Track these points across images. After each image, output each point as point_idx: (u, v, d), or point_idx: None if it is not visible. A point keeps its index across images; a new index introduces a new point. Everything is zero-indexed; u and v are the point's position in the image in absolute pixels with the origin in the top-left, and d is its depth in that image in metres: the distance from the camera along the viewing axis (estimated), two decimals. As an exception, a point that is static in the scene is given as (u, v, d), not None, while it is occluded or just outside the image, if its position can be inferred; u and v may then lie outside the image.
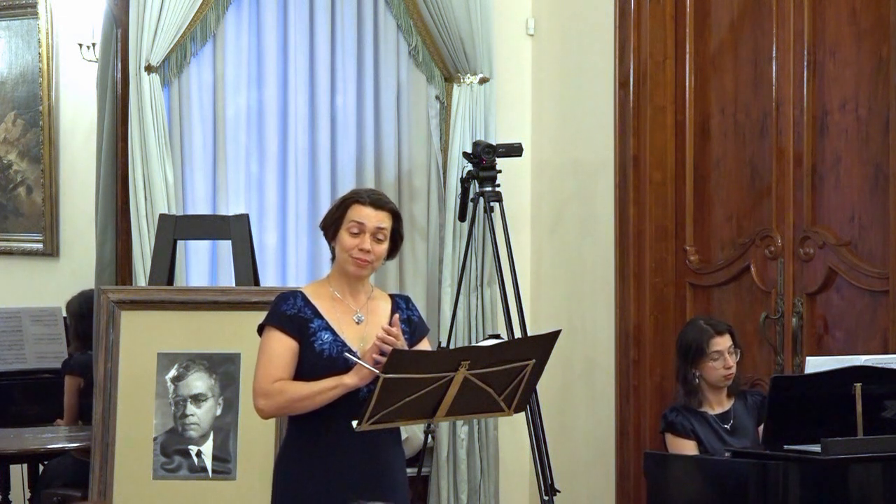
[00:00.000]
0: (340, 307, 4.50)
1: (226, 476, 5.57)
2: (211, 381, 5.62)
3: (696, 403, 5.79)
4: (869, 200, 6.06)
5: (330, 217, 4.54)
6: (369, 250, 4.45)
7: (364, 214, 4.47)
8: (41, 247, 8.59)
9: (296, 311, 4.46)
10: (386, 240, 4.50)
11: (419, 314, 4.62)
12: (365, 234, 4.46)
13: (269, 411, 4.50)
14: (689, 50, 6.78)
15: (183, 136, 6.56)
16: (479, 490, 7.02)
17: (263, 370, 4.44)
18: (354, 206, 4.49)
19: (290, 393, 4.40)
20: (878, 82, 6.01)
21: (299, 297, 4.50)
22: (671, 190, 6.83)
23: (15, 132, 8.75)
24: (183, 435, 5.60)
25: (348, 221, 4.47)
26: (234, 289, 5.85)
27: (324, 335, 4.43)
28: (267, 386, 4.42)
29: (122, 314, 5.70)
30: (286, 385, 4.41)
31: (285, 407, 4.47)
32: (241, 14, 6.71)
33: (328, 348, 4.42)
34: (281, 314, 4.47)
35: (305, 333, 4.44)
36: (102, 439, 5.59)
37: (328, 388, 4.34)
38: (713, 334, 5.76)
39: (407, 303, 4.62)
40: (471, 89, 7.04)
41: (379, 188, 6.96)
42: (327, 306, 4.49)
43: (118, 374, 5.63)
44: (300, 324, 4.44)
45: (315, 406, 4.39)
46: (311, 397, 4.38)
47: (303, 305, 4.48)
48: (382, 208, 4.51)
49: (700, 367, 5.76)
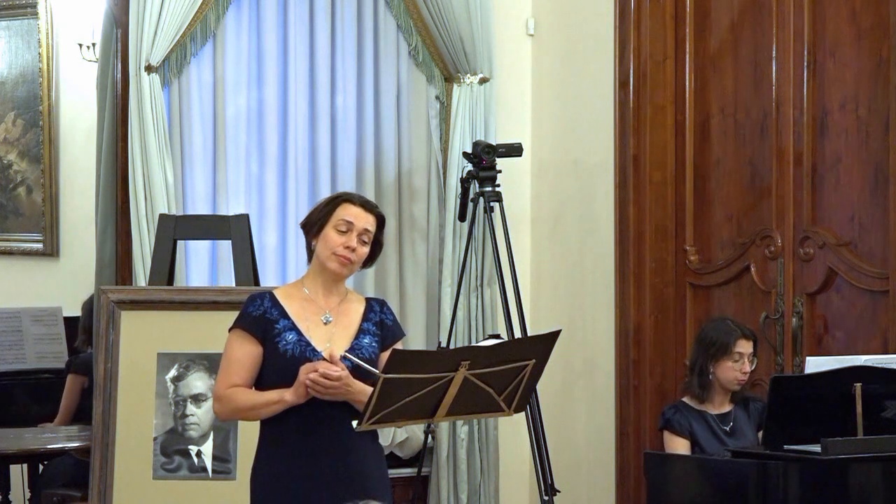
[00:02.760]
0: (311, 307, 4.49)
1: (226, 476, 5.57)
2: (211, 381, 5.61)
3: (704, 398, 5.80)
4: (869, 200, 6.06)
5: (316, 214, 4.53)
6: (355, 248, 4.45)
7: (354, 213, 4.48)
8: (41, 247, 8.59)
9: (261, 313, 4.45)
10: (368, 244, 4.50)
11: (394, 318, 4.60)
12: (352, 234, 4.46)
13: (222, 416, 4.58)
14: (689, 50, 6.78)
15: (183, 136, 6.56)
16: (479, 490, 7.02)
17: (222, 373, 4.47)
18: (344, 205, 4.50)
19: (237, 402, 4.42)
20: (878, 82, 6.01)
21: (266, 298, 4.49)
22: (671, 190, 6.83)
23: (15, 132, 8.75)
24: (183, 435, 5.60)
25: (337, 219, 4.47)
26: (234, 289, 5.84)
27: (288, 335, 4.43)
28: (221, 391, 4.45)
29: (122, 314, 5.70)
30: (235, 393, 4.42)
31: (234, 414, 4.53)
32: (241, 14, 6.71)
33: (291, 348, 4.41)
34: (246, 316, 4.47)
35: (270, 334, 4.43)
36: (102, 439, 5.59)
37: (271, 401, 4.36)
38: (741, 335, 5.79)
39: (381, 306, 4.59)
40: (471, 89, 7.04)
41: (379, 188, 6.98)
42: (297, 307, 4.48)
43: (118, 374, 5.63)
44: (265, 325, 4.44)
45: (260, 417, 4.42)
46: (256, 409, 4.41)
47: (270, 307, 4.47)
48: (371, 211, 4.52)
49: (718, 364, 5.78)
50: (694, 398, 5.84)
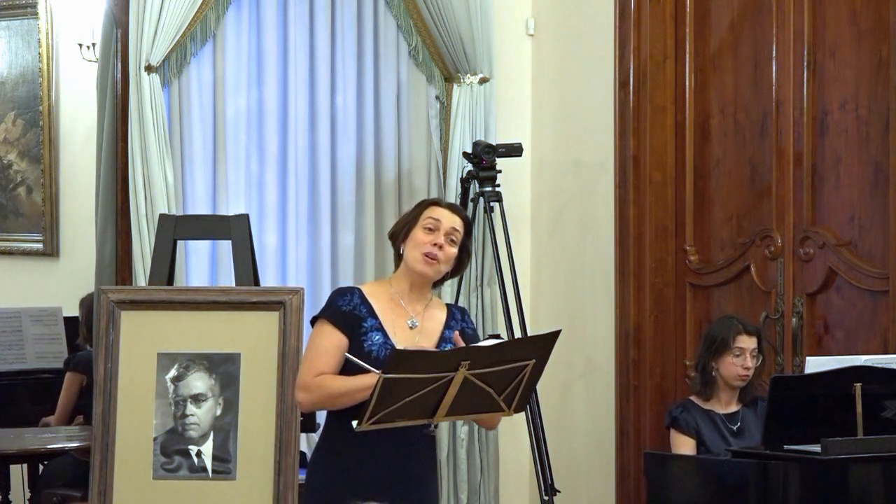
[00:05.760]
0: (397, 310, 4.49)
1: (226, 476, 5.56)
2: (211, 381, 5.61)
3: (708, 395, 5.81)
4: (869, 200, 6.06)
5: (403, 220, 4.56)
6: (442, 246, 4.45)
7: (440, 213, 4.49)
8: (41, 247, 8.59)
9: (351, 308, 4.45)
10: (456, 245, 4.49)
11: (473, 327, 4.61)
12: (439, 232, 4.46)
13: (306, 405, 4.52)
14: (689, 50, 6.78)
15: (183, 136, 6.55)
16: (479, 490, 7.02)
17: (308, 363, 4.44)
18: (431, 207, 4.53)
19: (330, 388, 4.38)
20: (878, 82, 6.01)
21: (356, 294, 4.49)
22: (671, 190, 6.83)
23: (15, 132, 8.75)
24: (183, 435, 5.59)
25: (424, 219, 4.48)
26: (234, 289, 5.84)
27: (375, 336, 4.43)
28: (308, 379, 4.42)
29: (122, 314, 5.69)
30: (326, 379, 4.39)
31: (323, 402, 4.46)
32: (241, 14, 6.71)
33: (377, 350, 4.40)
34: (335, 309, 4.46)
35: (357, 331, 4.43)
36: (102, 439, 5.58)
37: (367, 385, 4.25)
38: (741, 330, 5.82)
39: (462, 314, 4.60)
40: (471, 89, 7.04)
41: (379, 188, 6.98)
42: (384, 307, 4.49)
43: (118, 374, 5.63)
44: (353, 321, 4.44)
45: (353, 403, 4.33)
46: (350, 394, 4.34)
47: (359, 303, 4.47)
48: (458, 213, 4.54)
49: (720, 360, 5.81)
50: (699, 396, 5.86)
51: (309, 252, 6.87)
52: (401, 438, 4.36)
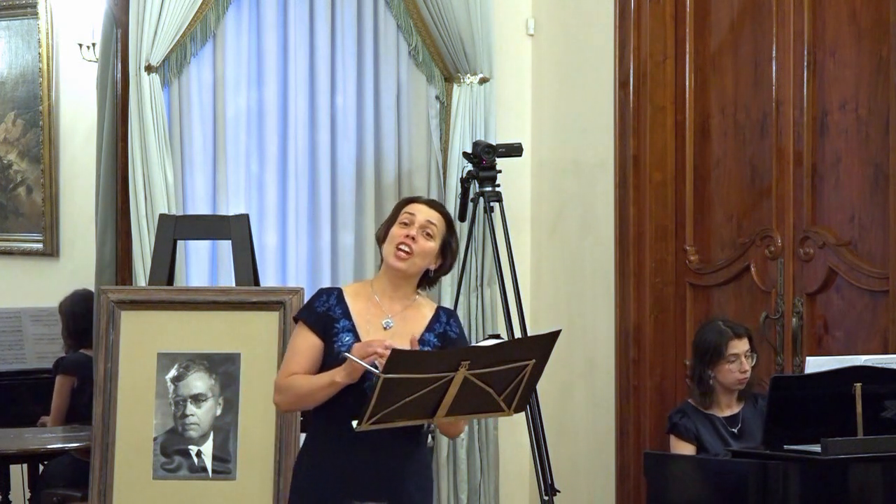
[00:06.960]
0: (374, 310, 4.49)
1: (226, 476, 5.56)
2: (211, 381, 5.62)
3: (708, 404, 5.79)
4: (869, 200, 6.06)
5: (386, 221, 4.54)
6: (414, 238, 4.43)
7: (416, 208, 4.49)
8: (41, 247, 8.59)
9: (325, 309, 4.46)
10: (434, 239, 4.46)
11: (460, 330, 4.57)
12: (413, 226, 4.45)
13: (283, 406, 4.55)
14: (689, 50, 6.78)
15: (183, 136, 6.55)
16: (479, 490, 7.02)
17: (284, 365, 4.49)
18: (409, 204, 4.53)
19: (296, 388, 4.41)
20: (878, 82, 6.01)
21: (334, 295, 4.50)
22: (671, 190, 6.83)
23: (15, 132, 8.75)
24: (183, 435, 5.60)
25: (402, 215, 4.48)
26: (234, 289, 5.84)
27: (345, 337, 4.43)
28: (281, 381, 4.46)
29: (122, 314, 5.70)
30: (294, 380, 4.42)
31: (294, 402, 4.51)
32: (241, 14, 6.71)
33: (346, 350, 4.39)
34: (311, 310, 4.48)
35: (329, 332, 4.44)
36: (102, 439, 5.59)
37: (323, 384, 4.34)
38: (732, 336, 5.76)
39: (448, 317, 4.57)
40: (471, 89, 7.04)
41: (379, 188, 6.98)
42: (361, 307, 4.48)
43: (118, 374, 5.63)
44: (326, 322, 4.44)
45: (318, 401, 4.39)
46: (312, 393, 4.39)
47: (334, 304, 4.47)
48: (436, 208, 4.53)
49: (716, 368, 5.76)
50: (699, 404, 5.83)
51: (309, 252, 6.87)
52: (387, 440, 4.35)
